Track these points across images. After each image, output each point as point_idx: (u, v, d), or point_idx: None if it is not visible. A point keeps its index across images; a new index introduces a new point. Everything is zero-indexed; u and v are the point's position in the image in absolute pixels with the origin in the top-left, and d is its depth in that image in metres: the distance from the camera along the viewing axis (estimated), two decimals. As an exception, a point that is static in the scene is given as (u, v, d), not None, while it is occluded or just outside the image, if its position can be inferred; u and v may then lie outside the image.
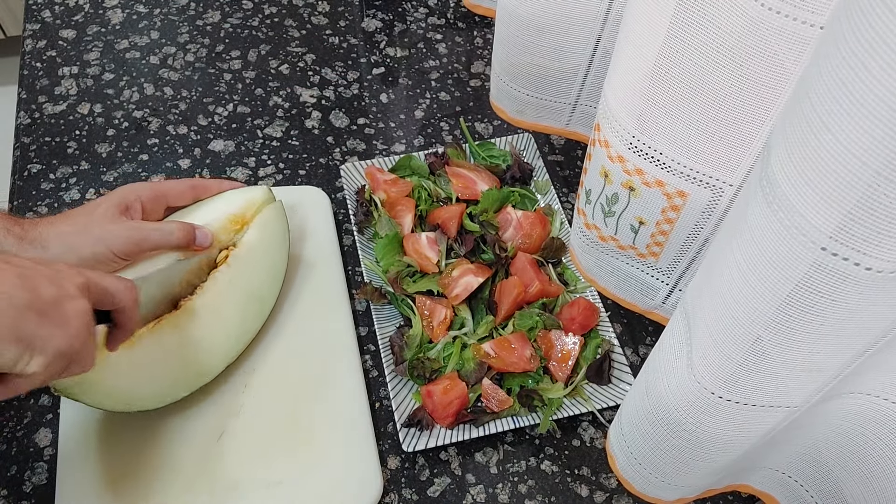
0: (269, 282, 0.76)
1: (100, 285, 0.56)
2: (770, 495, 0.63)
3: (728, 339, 0.42)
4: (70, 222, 0.66)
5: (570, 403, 0.73)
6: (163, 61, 1.01)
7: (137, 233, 0.67)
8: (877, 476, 0.50)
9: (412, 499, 0.70)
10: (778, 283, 0.37)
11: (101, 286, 0.56)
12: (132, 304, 0.59)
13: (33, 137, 0.91)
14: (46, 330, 0.50)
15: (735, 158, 0.51)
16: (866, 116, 0.29)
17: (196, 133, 0.94)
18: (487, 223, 0.82)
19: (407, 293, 0.77)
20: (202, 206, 0.75)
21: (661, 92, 0.51)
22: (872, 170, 0.30)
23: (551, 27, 0.70)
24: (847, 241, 0.33)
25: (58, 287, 0.52)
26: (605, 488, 0.71)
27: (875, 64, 0.28)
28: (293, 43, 1.04)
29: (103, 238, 0.65)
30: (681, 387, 0.47)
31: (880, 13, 0.28)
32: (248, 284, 0.74)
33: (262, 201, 0.76)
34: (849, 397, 0.47)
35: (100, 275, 0.57)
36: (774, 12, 0.42)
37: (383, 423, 0.73)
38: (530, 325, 0.75)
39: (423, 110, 0.98)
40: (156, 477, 0.67)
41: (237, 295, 0.73)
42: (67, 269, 0.54)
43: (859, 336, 0.38)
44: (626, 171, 0.58)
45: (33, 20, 1.04)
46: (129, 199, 0.69)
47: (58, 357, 0.50)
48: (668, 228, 0.60)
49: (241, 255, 0.74)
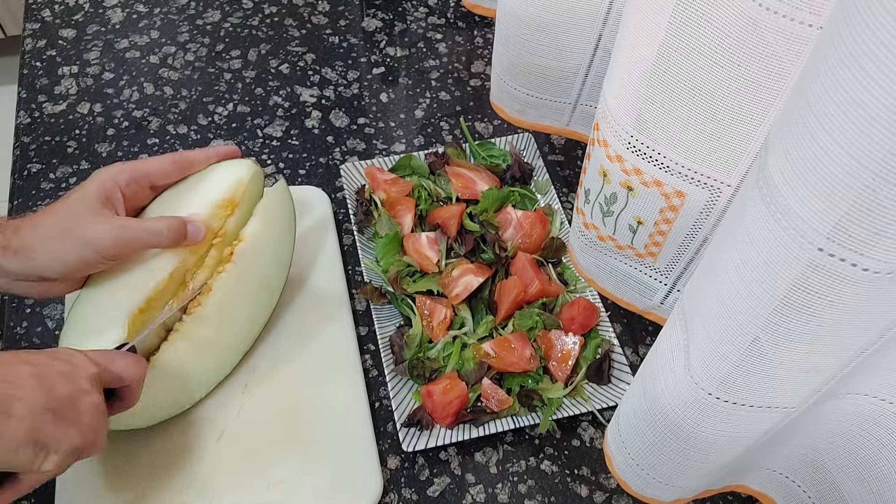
0: (276, 269, 0.74)
1: (112, 372, 0.57)
2: (767, 496, 0.63)
3: (725, 339, 0.42)
4: (52, 224, 0.62)
5: (570, 403, 0.73)
6: (163, 61, 1.01)
7: (125, 233, 0.63)
8: (874, 476, 0.50)
9: (412, 499, 0.70)
10: (775, 284, 0.37)
11: (114, 373, 0.57)
12: (139, 383, 0.59)
13: (33, 137, 0.92)
14: (62, 430, 0.50)
15: (733, 159, 0.51)
16: (863, 117, 0.29)
17: (196, 132, 0.94)
18: (487, 223, 0.82)
19: (407, 293, 0.77)
20: (187, 194, 0.71)
21: (660, 92, 0.51)
22: (869, 170, 0.30)
23: (552, 27, 0.70)
24: (844, 241, 0.33)
25: (72, 384, 0.52)
26: (605, 488, 0.71)
27: (872, 65, 0.28)
28: (293, 42, 1.04)
29: (89, 241, 0.61)
30: (678, 387, 0.47)
31: (877, 14, 0.28)
32: (256, 277, 0.73)
33: (249, 178, 0.72)
34: (846, 398, 0.47)
35: (110, 358, 0.57)
36: (772, 13, 0.42)
37: (383, 423, 0.73)
38: (530, 325, 0.75)
39: (423, 110, 0.98)
40: (155, 477, 0.67)
41: (246, 290, 0.72)
42: (81, 359, 0.54)
43: (856, 337, 0.38)
44: (624, 170, 0.58)
45: (33, 20, 1.04)
46: (108, 188, 0.64)
47: (71, 453, 0.51)
48: (666, 229, 0.60)
49: (247, 249, 0.72)
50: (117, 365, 0.57)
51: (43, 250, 0.61)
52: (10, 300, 0.79)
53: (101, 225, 0.62)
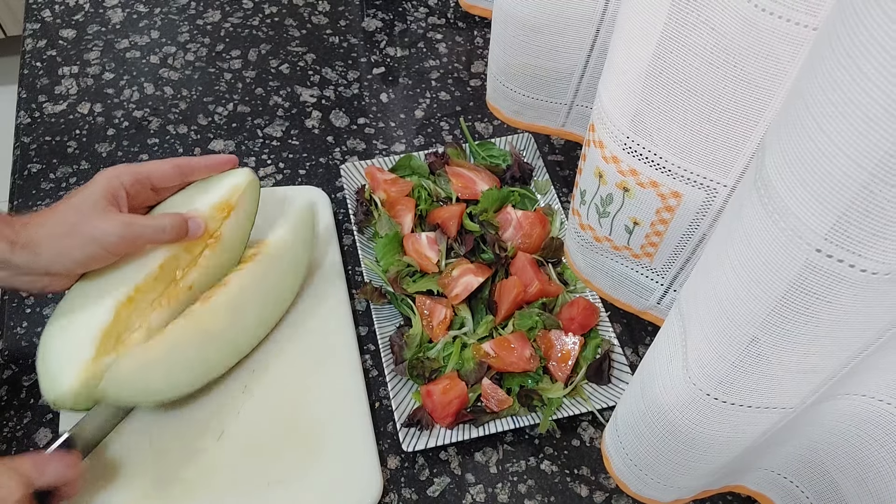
0: (291, 285, 0.77)
1: (45, 482, 0.57)
2: (765, 496, 0.63)
3: (723, 340, 0.41)
4: (59, 221, 0.64)
5: (570, 403, 0.73)
6: (163, 61, 1.01)
7: (130, 230, 0.65)
8: (872, 476, 0.50)
9: (412, 498, 0.70)
10: (772, 285, 0.37)
11: (46, 482, 0.57)
12: (75, 482, 0.60)
13: (33, 137, 0.92)
14: None
15: (729, 159, 0.51)
16: (860, 118, 0.29)
17: (196, 132, 0.94)
18: (487, 223, 0.82)
19: (407, 293, 0.77)
20: (188, 198, 0.73)
21: (656, 92, 0.51)
22: (867, 171, 0.30)
23: (547, 27, 0.70)
24: (841, 242, 0.33)
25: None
26: (605, 488, 0.71)
27: (869, 65, 0.28)
28: (293, 42, 1.04)
29: (96, 238, 0.64)
30: (676, 388, 0.47)
31: (874, 15, 0.28)
32: (272, 285, 0.75)
33: (245, 184, 0.75)
34: (844, 398, 0.47)
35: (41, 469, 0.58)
36: (768, 13, 0.42)
37: (383, 423, 0.73)
38: (530, 325, 0.75)
39: (423, 110, 0.98)
40: (155, 477, 0.67)
41: (260, 291, 0.73)
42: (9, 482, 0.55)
43: (854, 337, 0.38)
44: (620, 171, 0.58)
45: (33, 20, 1.04)
46: (113, 187, 0.67)
47: None
48: (662, 229, 0.60)
49: (271, 254, 0.74)
50: (48, 474, 0.58)
51: (49, 246, 0.63)
52: (10, 300, 0.79)
53: (107, 222, 0.64)
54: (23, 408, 0.72)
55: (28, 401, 0.73)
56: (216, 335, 0.70)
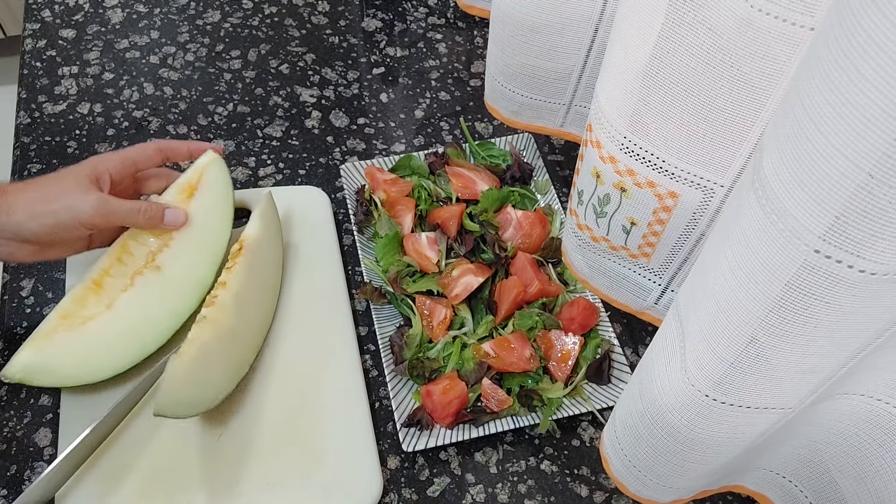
0: (274, 268, 0.78)
1: None
2: (765, 496, 0.63)
3: (721, 340, 0.41)
4: (37, 188, 0.67)
5: (570, 403, 0.73)
6: (163, 61, 1.01)
7: (106, 206, 0.68)
8: (872, 476, 0.50)
9: (412, 498, 0.70)
10: (770, 285, 0.36)
11: None
12: None
13: (33, 137, 0.92)
14: None
15: (726, 159, 0.51)
16: (857, 118, 0.29)
17: (196, 133, 0.94)
18: (487, 223, 0.82)
19: (407, 293, 0.77)
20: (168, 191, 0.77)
21: (653, 93, 0.51)
22: (864, 171, 0.30)
23: (545, 27, 0.69)
24: (839, 242, 0.33)
25: None
26: (605, 488, 0.71)
27: (866, 66, 0.28)
28: (293, 42, 1.04)
29: (72, 206, 0.66)
30: (674, 389, 0.47)
31: (871, 15, 0.28)
32: (260, 274, 0.76)
33: (206, 163, 0.77)
34: (843, 398, 0.47)
35: None
36: (764, 14, 0.42)
37: (383, 423, 0.74)
38: (530, 325, 0.75)
39: (423, 110, 0.98)
40: (155, 476, 0.67)
41: (255, 283, 0.75)
42: None
43: (853, 337, 0.38)
44: (617, 171, 0.58)
45: (33, 20, 1.04)
46: (98, 171, 0.70)
47: None
48: (659, 229, 0.60)
49: (251, 248, 0.75)
50: None
51: (23, 209, 0.65)
52: (10, 300, 0.79)
53: (86, 195, 0.67)
54: (23, 408, 0.72)
55: (28, 401, 0.73)
56: (237, 334, 0.71)
